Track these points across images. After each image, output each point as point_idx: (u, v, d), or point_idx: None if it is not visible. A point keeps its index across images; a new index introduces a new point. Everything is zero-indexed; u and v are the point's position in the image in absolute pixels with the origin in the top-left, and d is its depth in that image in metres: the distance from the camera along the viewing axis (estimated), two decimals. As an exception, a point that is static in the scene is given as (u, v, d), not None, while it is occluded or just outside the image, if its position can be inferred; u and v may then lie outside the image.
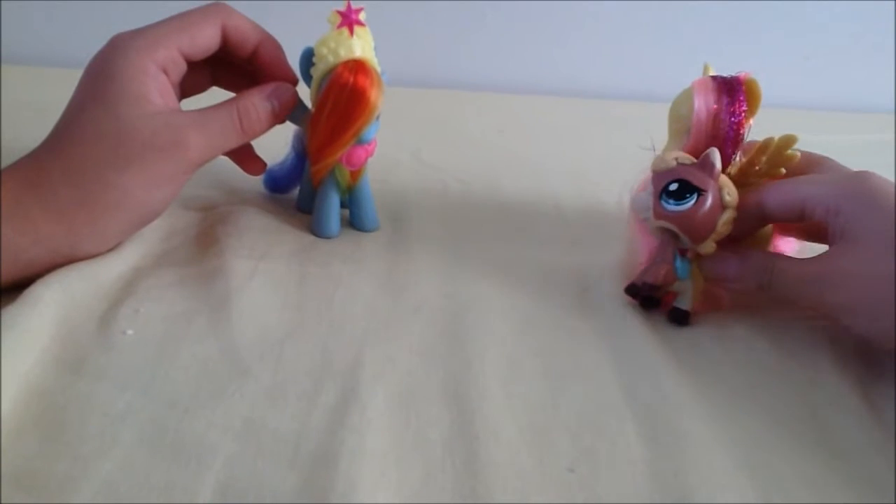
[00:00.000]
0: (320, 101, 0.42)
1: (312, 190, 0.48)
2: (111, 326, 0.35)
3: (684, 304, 0.40)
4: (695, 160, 0.38)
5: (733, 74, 0.41)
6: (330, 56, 0.42)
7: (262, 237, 0.45)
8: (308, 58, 0.43)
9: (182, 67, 0.41)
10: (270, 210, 0.49)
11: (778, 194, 0.38)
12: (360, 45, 0.42)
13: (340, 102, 0.42)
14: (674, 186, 0.37)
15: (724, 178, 0.37)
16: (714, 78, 0.41)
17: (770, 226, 0.42)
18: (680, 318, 0.40)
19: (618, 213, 0.47)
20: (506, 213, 0.54)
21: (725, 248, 0.38)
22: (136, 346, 0.34)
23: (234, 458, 0.28)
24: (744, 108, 0.40)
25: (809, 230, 0.42)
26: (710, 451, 0.30)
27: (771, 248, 0.42)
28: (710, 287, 0.40)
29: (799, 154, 0.40)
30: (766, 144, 0.41)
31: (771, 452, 0.31)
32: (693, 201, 0.37)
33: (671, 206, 0.37)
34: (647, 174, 0.43)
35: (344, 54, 0.42)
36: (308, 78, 0.44)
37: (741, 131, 0.40)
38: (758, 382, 0.35)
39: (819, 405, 0.34)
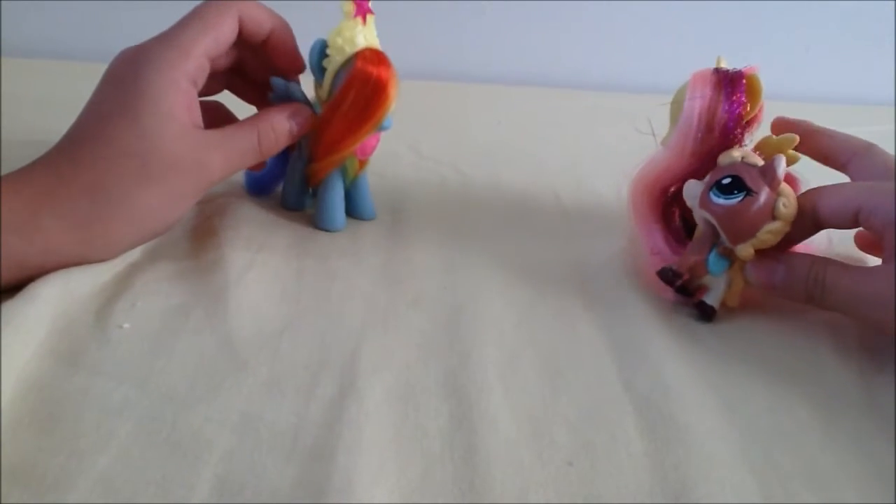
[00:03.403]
0: (340, 94, 0.42)
1: (301, 186, 0.47)
2: (108, 320, 0.35)
3: (712, 299, 0.39)
4: (759, 162, 0.37)
5: (736, 68, 0.40)
6: (346, 46, 0.42)
7: (259, 229, 0.45)
8: (321, 50, 0.43)
9: (207, 72, 0.41)
10: (267, 202, 0.49)
11: (833, 200, 0.37)
12: (372, 34, 0.43)
13: (363, 95, 0.42)
14: (727, 180, 0.37)
15: (787, 190, 0.36)
16: (715, 71, 0.40)
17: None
18: (704, 314, 0.39)
19: (617, 205, 0.47)
20: (505, 204, 0.53)
21: (774, 250, 0.37)
22: (132, 340, 0.34)
23: (232, 452, 0.28)
24: (742, 102, 0.39)
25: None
26: (711, 444, 0.30)
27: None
28: (749, 290, 0.39)
29: (800, 156, 0.40)
30: (765, 143, 0.40)
31: (772, 445, 0.30)
32: (739, 199, 0.36)
33: (717, 199, 0.37)
34: (648, 159, 0.43)
35: (360, 43, 0.42)
36: (320, 70, 0.44)
37: (739, 125, 0.39)
38: (758, 374, 0.35)
39: (820, 398, 0.34)
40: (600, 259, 0.45)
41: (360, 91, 0.42)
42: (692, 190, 0.39)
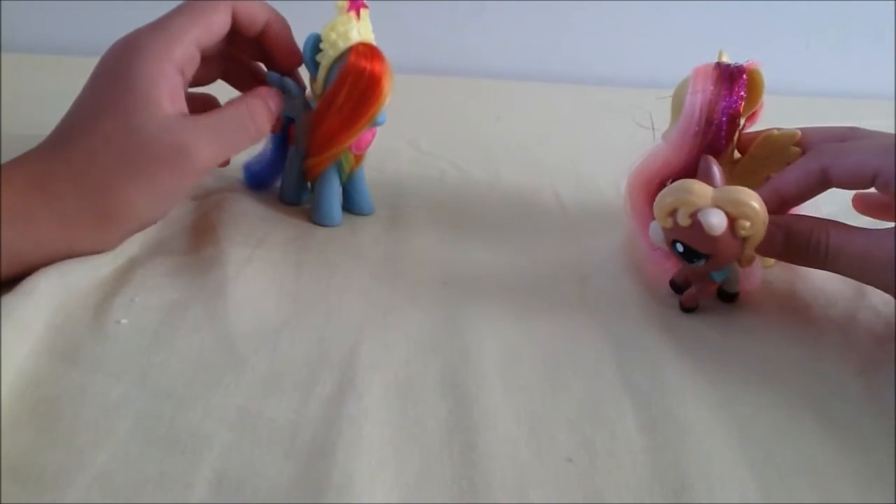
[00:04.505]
0: (333, 89, 0.42)
1: (299, 181, 0.47)
2: (106, 316, 0.35)
3: (731, 287, 0.39)
4: (700, 200, 0.34)
5: (738, 63, 0.40)
6: (340, 41, 0.42)
7: (257, 224, 0.45)
8: (315, 44, 0.43)
9: (197, 61, 0.40)
10: (265, 197, 0.48)
11: (846, 163, 0.36)
12: (367, 29, 0.42)
13: (357, 90, 0.41)
14: (679, 248, 0.36)
15: (740, 210, 0.33)
16: (717, 65, 0.40)
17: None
18: (727, 299, 0.40)
19: (616, 201, 0.47)
20: (504, 200, 0.53)
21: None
22: (131, 336, 0.34)
23: (230, 449, 0.28)
24: (741, 96, 0.39)
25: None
26: (710, 441, 0.30)
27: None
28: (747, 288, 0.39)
29: (800, 151, 0.40)
30: (767, 138, 0.40)
31: (771, 442, 0.30)
32: (704, 261, 0.35)
33: (686, 263, 0.36)
34: (643, 158, 0.43)
35: (354, 38, 0.42)
36: (314, 65, 0.43)
37: (736, 120, 0.39)
38: (758, 371, 0.35)
39: (820, 395, 0.33)
40: (600, 255, 0.45)
41: (354, 86, 0.41)
42: (657, 234, 0.37)
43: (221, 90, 0.47)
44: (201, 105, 0.41)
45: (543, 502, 0.27)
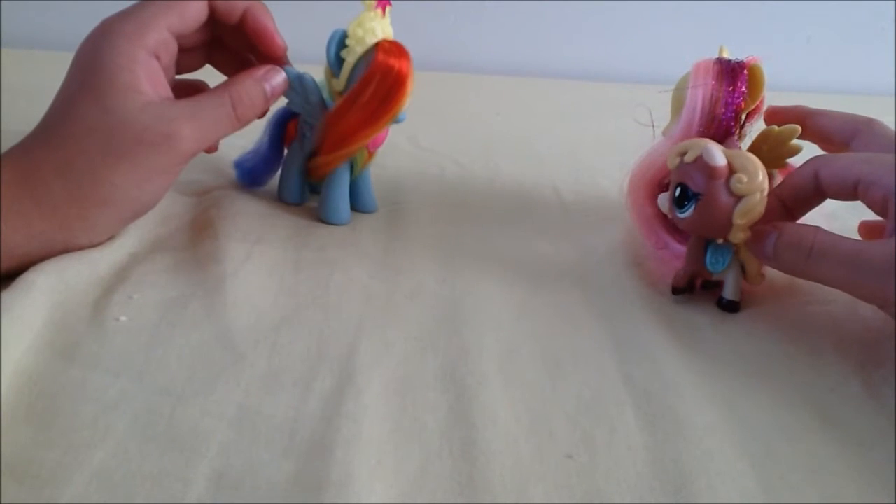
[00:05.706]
0: (359, 86, 0.41)
1: (300, 180, 0.47)
2: (105, 313, 0.35)
3: (729, 293, 0.39)
4: (708, 148, 0.35)
5: (739, 59, 0.40)
6: (367, 37, 0.41)
7: (256, 221, 0.44)
8: (340, 41, 0.42)
9: (173, 48, 0.40)
10: (265, 195, 0.48)
11: (832, 169, 0.36)
12: (387, 26, 0.42)
13: (383, 87, 0.41)
14: (677, 191, 0.37)
15: (741, 163, 0.35)
16: (718, 61, 0.40)
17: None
18: (727, 308, 0.39)
19: (616, 197, 0.47)
20: (504, 196, 0.53)
21: (771, 221, 0.37)
22: (129, 333, 0.34)
23: (229, 446, 0.28)
24: (742, 92, 0.39)
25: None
26: (710, 438, 0.30)
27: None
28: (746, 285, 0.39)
29: (802, 147, 0.40)
30: (766, 134, 0.40)
31: (771, 439, 0.30)
32: (692, 208, 0.36)
33: (678, 214, 0.37)
34: (645, 155, 0.43)
35: (381, 34, 0.41)
36: (338, 61, 0.43)
37: (738, 116, 0.39)
38: (758, 368, 0.35)
39: (820, 391, 0.33)
40: (599, 251, 0.45)
41: (381, 83, 0.41)
42: (663, 203, 0.39)
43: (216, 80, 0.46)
44: (193, 92, 0.41)
45: (543, 498, 0.27)
